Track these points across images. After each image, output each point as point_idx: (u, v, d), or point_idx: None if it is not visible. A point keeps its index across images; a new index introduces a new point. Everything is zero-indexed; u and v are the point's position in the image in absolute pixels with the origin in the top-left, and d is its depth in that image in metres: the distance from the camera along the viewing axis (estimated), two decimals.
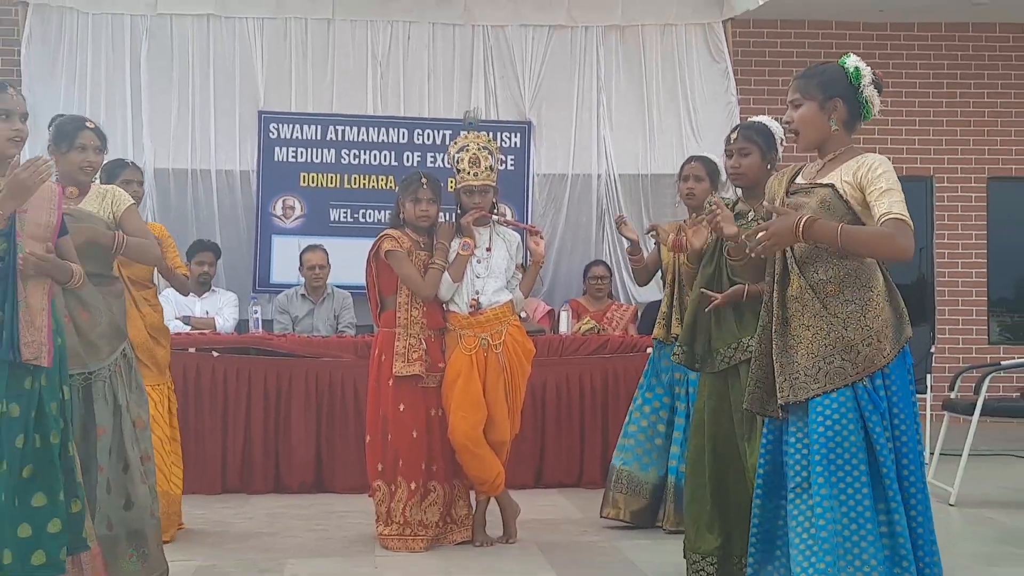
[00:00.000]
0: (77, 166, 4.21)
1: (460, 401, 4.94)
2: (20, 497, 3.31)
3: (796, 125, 3.41)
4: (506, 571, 4.59)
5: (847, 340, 3.24)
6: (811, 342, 3.27)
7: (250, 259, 8.26)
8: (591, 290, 7.94)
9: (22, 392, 3.33)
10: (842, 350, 3.24)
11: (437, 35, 8.47)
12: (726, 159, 4.38)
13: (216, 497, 6.29)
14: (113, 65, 8.17)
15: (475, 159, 5.07)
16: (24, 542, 3.28)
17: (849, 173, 3.32)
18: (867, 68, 3.43)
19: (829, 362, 3.24)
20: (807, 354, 3.27)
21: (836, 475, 3.18)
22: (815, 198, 3.34)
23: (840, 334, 3.24)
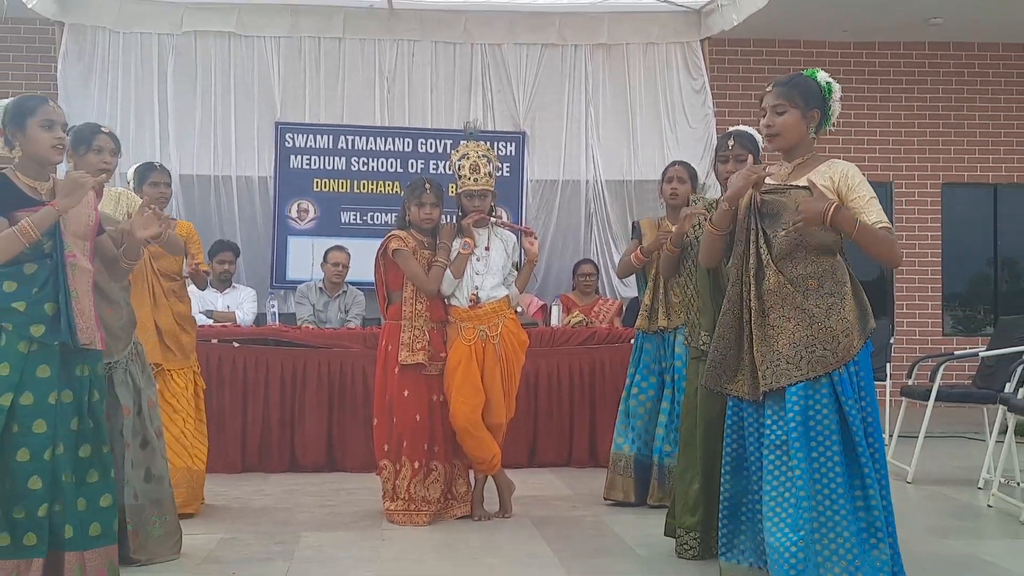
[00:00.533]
0: (95, 167, 4.14)
1: (460, 387, 4.94)
2: (77, 475, 3.35)
3: (778, 129, 3.40)
4: (502, 543, 4.58)
5: (830, 330, 3.25)
6: (793, 332, 3.27)
7: (267, 258, 8.25)
8: (580, 286, 7.95)
9: (74, 379, 3.37)
10: (824, 340, 3.25)
11: (439, 52, 8.47)
12: (720, 164, 4.38)
13: (236, 475, 6.29)
14: (142, 79, 8.16)
15: (475, 166, 5.06)
16: (81, 515, 3.31)
17: (824, 177, 3.34)
18: (836, 84, 3.47)
19: (811, 351, 3.25)
20: (789, 343, 3.27)
21: (812, 455, 3.18)
22: (791, 199, 3.34)
23: (823, 324, 3.26)
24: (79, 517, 3.31)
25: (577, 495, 5.74)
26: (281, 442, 6.58)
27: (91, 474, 3.38)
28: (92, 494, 3.37)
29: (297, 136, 8.32)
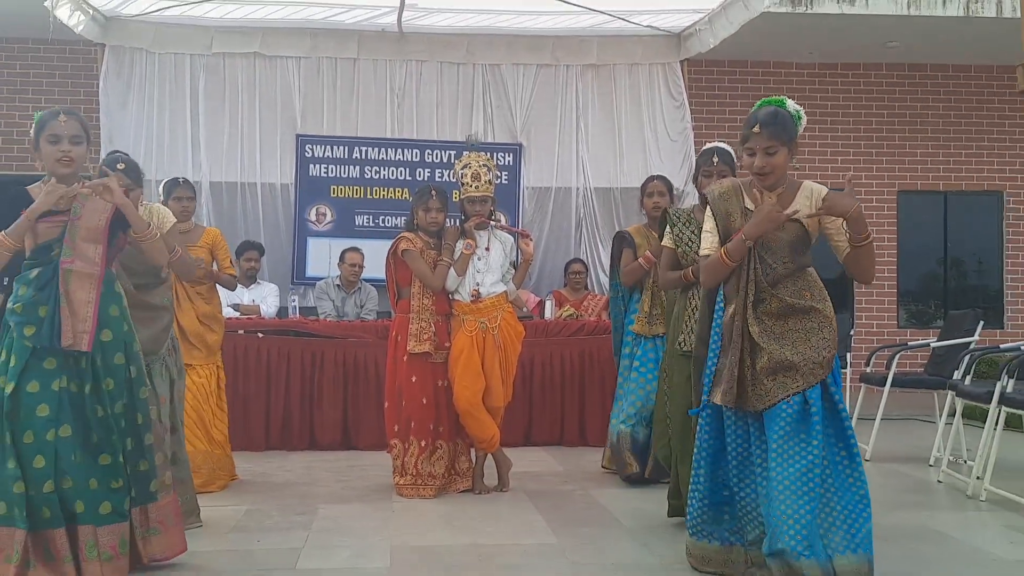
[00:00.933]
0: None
1: (463, 373, 4.94)
2: (89, 457, 3.30)
3: (771, 169, 3.25)
4: (501, 514, 4.58)
5: (823, 342, 3.24)
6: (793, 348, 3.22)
7: (289, 257, 8.26)
8: (571, 283, 7.95)
9: (79, 370, 3.33)
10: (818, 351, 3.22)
11: (444, 72, 8.46)
12: (704, 178, 4.26)
13: (261, 453, 6.28)
14: (176, 96, 8.15)
15: (476, 174, 5.06)
16: (93, 494, 3.27)
17: (806, 201, 3.29)
18: (802, 110, 3.39)
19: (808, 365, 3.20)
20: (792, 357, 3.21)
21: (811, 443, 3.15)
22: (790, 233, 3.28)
23: (818, 338, 3.24)
24: (90, 495, 3.27)
25: (568, 471, 5.74)
26: (301, 423, 6.58)
27: (103, 457, 3.32)
28: (103, 475, 3.31)
29: (316, 147, 8.32)
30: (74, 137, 3.38)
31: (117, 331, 3.43)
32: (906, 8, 9.29)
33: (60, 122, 3.37)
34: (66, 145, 3.35)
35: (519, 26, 8.19)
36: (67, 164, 3.37)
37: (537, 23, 8.11)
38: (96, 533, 3.25)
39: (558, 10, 7.66)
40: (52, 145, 3.35)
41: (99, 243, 3.39)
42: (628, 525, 4.34)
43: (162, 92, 8.13)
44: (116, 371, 3.40)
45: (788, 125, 3.28)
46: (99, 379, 3.35)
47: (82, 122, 3.45)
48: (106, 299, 3.42)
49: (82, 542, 3.24)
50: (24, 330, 3.28)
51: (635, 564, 3.69)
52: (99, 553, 3.24)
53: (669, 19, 8.04)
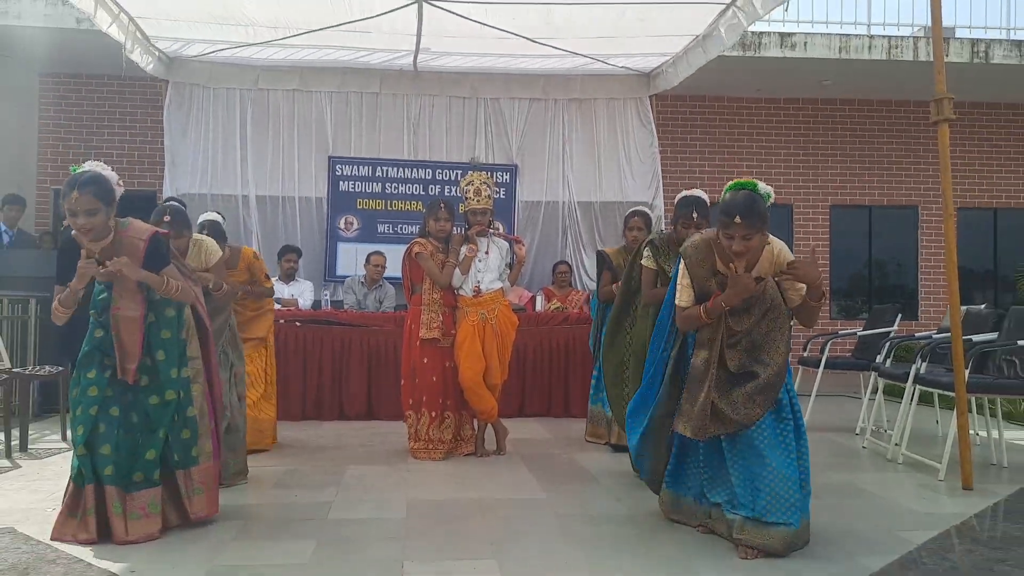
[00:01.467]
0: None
1: (466, 356, 4.94)
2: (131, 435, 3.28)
3: (747, 251, 3.10)
4: (499, 473, 4.58)
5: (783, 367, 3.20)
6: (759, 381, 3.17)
7: (322, 258, 8.22)
8: (557, 281, 7.95)
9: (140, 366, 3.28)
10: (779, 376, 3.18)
11: (452, 105, 8.43)
12: (683, 228, 4.12)
13: (298, 422, 6.27)
14: (227, 124, 8.11)
15: (478, 190, 5.05)
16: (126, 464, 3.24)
17: (768, 265, 3.22)
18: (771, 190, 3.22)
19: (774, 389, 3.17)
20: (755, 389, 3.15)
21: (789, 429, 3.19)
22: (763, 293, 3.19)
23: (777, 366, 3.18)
24: (120, 463, 3.22)
25: (555, 438, 5.74)
26: (332, 397, 6.57)
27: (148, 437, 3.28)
28: (142, 449, 3.27)
29: (344, 167, 8.29)
30: (89, 211, 3.15)
31: (169, 349, 3.35)
32: (838, 52, 9.31)
33: (73, 199, 3.14)
34: (81, 220, 3.15)
35: (515, 67, 8.17)
36: (86, 235, 3.19)
37: (530, 64, 8.09)
38: (124, 496, 3.22)
39: (547, 54, 7.65)
40: (72, 217, 3.17)
41: (136, 292, 3.29)
42: (604, 483, 4.34)
43: (216, 121, 8.09)
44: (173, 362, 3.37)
45: (763, 212, 3.10)
46: (161, 372, 3.32)
47: (96, 190, 3.17)
48: (156, 327, 3.34)
49: (108, 500, 3.20)
50: (95, 332, 3.31)
51: (609, 515, 3.69)
52: (124, 511, 3.20)
53: (640, 61, 8.02)
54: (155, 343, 3.33)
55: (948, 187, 4.36)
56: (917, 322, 10.80)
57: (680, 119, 10.62)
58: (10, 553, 3.03)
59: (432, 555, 3.08)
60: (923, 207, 11.08)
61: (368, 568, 2.91)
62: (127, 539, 3.17)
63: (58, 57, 9.31)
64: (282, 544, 3.21)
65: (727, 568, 2.97)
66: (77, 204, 3.14)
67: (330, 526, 3.46)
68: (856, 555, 3.11)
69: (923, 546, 3.24)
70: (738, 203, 3.08)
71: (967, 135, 11.07)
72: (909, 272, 11.26)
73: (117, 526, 3.20)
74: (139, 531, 3.20)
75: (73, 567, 2.89)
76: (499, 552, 3.11)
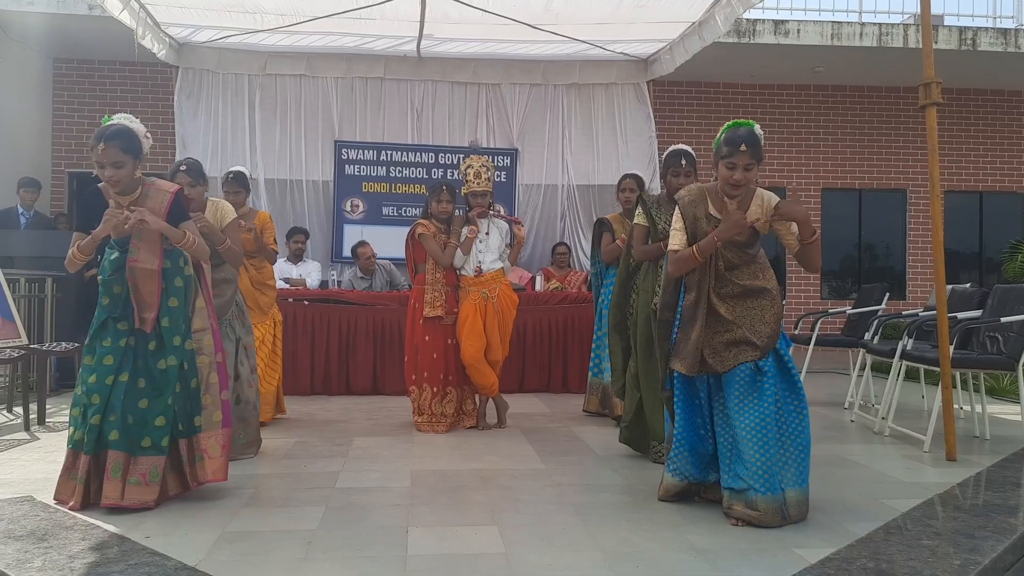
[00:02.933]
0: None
1: (468, 334, 4.96)
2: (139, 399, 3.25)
3: (746, 182, 3.12)
4: (499, 446, 4.59)
5: (775, 318, 3.19)
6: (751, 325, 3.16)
7: (329, 239, 8.22)
8: (557, 262, 7.94)
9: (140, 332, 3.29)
10: (771, 326, 3.17)
11: (454, 90, 8.39)
12: (672, 177, 4.16)
13: (307, 397, 6.31)
14: (236, 108, 8.08)
15: (478, 173, 5.04)
16: (134, 428, 3.21)
17: (757, 205, 3.22)
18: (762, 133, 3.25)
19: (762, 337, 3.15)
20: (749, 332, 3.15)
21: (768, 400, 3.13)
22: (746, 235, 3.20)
23: (769, 314, 3.19)
24: (130, 429, 3.19)
25: (554, 412, 5.76)
26: (339, 373, 6.60)
27: (156, 401, 3.24)
28: (150, 415, 3.23)
29: (350, 151, 8.26)
30: (115, 163, 3.18)
31: (175, 317, 3.33)
32: (830, 39, 9.27)
33: (100, 151, 3.16)
34: (108, 171, 3.18)
35: (516, 53, 8.12)
36: (113, 186, 3.23)
37: (530, 50, 8.04)
38: (128, 460, 3.19)
39: (547, 40, 7.60)
40: (99, 169, 3.19)
41: (156, 244, 3.29)
42: (601, 454, 4.36)
43: (225, 105, 8.05)
44: (179, 329, 3.33)
45: (761, 144, 3.19)
46: (165, 337, 3.29)
47: (123, 143, 3.19)
48: (171, 273, 3.33)
49: (109, 463, 3.17)
50: (103, 300, 3.31)
51: (605, 484, 3.71)
52: (124, 476, 3.17)
53: (638, 47, 7.98)
54: (163, 310, 3.31)
55: (935, 169, 4.35)
56: (905, 301, 10.82)
57: (676, 104, 10.58)
58: (29, 520, 3.06)
59: (435, 521, 3.10)
60: (911, 190, 11.07)
61: (374, 534, 2.93)
62: (120, 504, 3.11)
63: (71, 43, 9.29)
64: (291, 511, 3.23)
65: (719, 534, 2.98)
66: (104, 156, 3.16)
67: (338, 494, 3.47)
68: (843, 522, 3.13)
69: (907, 513, 3.26)
70: (742, 135, 3.13)
71: (954, 121, 11.03)
72: (897, 253, 11.25)
73: (111, 490, 3.14)
74: (134, 497, 3.15)
75: (90, 533, 2.91)
76: (499, 519, 3.13)
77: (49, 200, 9.58)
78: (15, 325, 5.28)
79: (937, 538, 2.97)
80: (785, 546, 2.85)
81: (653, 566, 2.64)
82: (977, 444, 4.77)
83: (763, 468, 3.08)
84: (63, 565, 2.57)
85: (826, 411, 5.87)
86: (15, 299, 5.48)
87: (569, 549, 2.79)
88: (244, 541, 2.84)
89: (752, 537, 2.95)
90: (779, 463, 3.12)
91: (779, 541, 2.90)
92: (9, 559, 2.62)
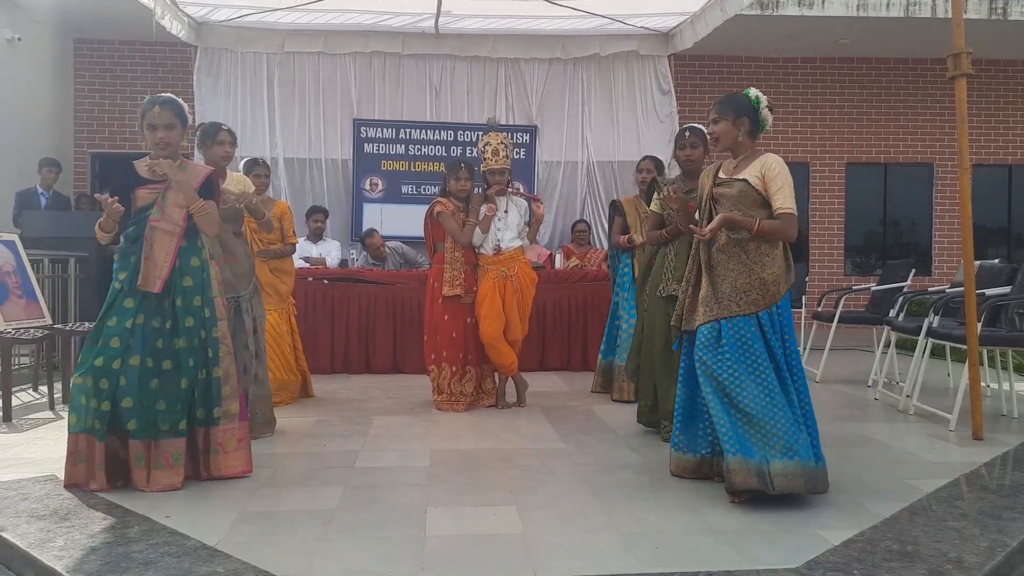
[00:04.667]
0: (219, 156, 4.14)
1: (487, 313, 4.93)
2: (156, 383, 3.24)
3: (715, 135, 3.33)
4: (519, 425, 4.58)
5: (763, 281, 3.16)
6: (734, 280, 3.18)
7: (348, 218, 8.21)
8: (576, 239, 7.88)
9: (161, 309, 3.29)
10: (758, 287, 3.16)
11: (473, 66, 8.31)
12: (679, 150, 4.23)
13: (327, 376, 6.33)
14: (255, 87, 8.06)
15: (495, 150, 5.00)
16: (152, 414, 3.22)
17: (757, 169, 3.25)
18: (764, 97, 3.33)
19: (747, 294, 3.16)
20: (732, 288, 3.18)
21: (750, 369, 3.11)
22: (735, 188, 3.25)
23: (758, 276, 3.17)
24: (148, 415, 3.20)
25: (573, 391, 5.74)
26: (359, 352, 6.61)
27: (177, 383, 3.25)
28: (169, 398, 3.24)
29: (369, 129, 8.23)
30: (168, 125, 3.33)
31: (197, 279, 3.36)
32: (855, 10, 9.06)
33: (155, 112, 3.32)
34: (161, 132, 3.33)
35: (535, 27, 8.02)
36: (163, 149, 3.35)
37: (550, 25, 7.93)
38: (149, 446, 3.21)
39: (566, 14, 7.49)
40: (151, 132, 3.33)
41: (179, 212, 3.33)
42: (620, 433, 4.34)
43: (244, 84, 8.03)
44: (195, 311, 3.34)
45: (735, 103, 3.30)
46: (180, 317, 3.30)
47: (176, 109, 3.37)
48: (188, 252, 3.36)
49: (132, 453, 3.20)
50: (119, 274, 3.31)
51: (624, 463, 3.69)
52: (148, 462, 3.19)
53: (658, 21, 7.84)
54: (176, 288, 3.31)
55: (965, 142, 4.23)
56: (931, 277, 10.66)
57: (698, 79, 10.43)
58: (52, 499, 3.08)
59: (454, 501, 3.09)
60: (938, 164, 10.86)
61: (393, 514, 2.93)
62: (148, 489, 3.17)
63: (91, 24, 9.30)
64: (310, 491, 3.23)
65: (738, 514, 2.95)
66: (158, 118, 3.32)
67: (357, 474, 3.47)
68: (866, 502, 3.08)
69: (933, 494, 3.21)
70: (720, 97, 3.43)
71: (983, 92, 10.79)
72: (923, 228, 11.08)
73: (139, 476, 3.19)
74: (161, 481, 3.19)
75: (112, 512, 2.92)
76: (518, 499, 3.12)
77: (72, 180, 9.64)
78: (39, 305, 5.33)
79: (963, 519, 2.92)
80: (808, 528, 2.81)
81: (672, 548, 2.61)
82: (1004, 422, 4.69)
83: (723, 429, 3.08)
84: (84, 544, 2.58)
85: (849, 389, 5.80)
86: (39, 279, 5.53)
87: (586, 530, 2.77)
88: (263, 521, 2.85)
89: (773, 518, 2.91)
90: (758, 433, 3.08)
91: (802, 522, 2.86)
92: (32, 538, 2.64)
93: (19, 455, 3.80)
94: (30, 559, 2.50)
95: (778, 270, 3.21)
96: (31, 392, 5.56)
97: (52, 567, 2.40)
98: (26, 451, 3.89)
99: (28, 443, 4.06)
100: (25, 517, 2.86)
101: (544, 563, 2.45)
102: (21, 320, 5.08)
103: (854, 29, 9.45)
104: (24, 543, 2.59)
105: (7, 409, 4.62)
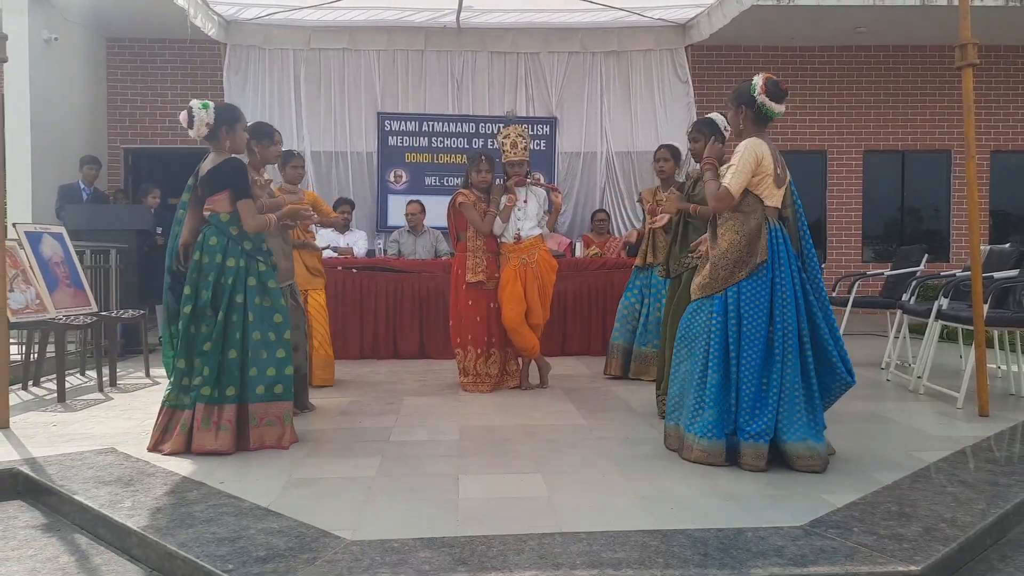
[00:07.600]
0: (274, 155, 4.54)
1: (509, 298, 5.13)
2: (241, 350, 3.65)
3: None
4: (542, 404, 4.79)
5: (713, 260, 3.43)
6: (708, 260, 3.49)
7: (373, 210, 8.42)
8: (596, 228, 8.03)
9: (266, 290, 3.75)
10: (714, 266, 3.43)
11: (494, 60, 8.48)
12: (691, 143, 4.41)
13: (357, 360, 6.57)
14: (283, 82, 8.28)
15: (514, 143, 5.18)
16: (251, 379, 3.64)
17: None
18: (762, 84, 3.34)
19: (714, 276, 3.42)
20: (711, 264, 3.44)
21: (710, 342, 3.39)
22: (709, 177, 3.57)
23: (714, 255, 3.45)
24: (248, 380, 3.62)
25: (594, 373, 5.94)
26: (387, 337, 6.83)
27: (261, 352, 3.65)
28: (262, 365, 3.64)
29: (393, 122, 8.43)
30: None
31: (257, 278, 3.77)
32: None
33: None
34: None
35: (554, 21, 8.19)
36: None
37: (569, 19, 8.10)
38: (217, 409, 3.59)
39: (585, 7, 7.66)
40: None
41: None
42: (639, 411, 4.55)
43: (271, 80, 8.26)
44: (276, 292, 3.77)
45: (735, 93, 3.43)
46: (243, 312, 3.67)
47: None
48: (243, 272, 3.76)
49: (198, 417, 3.57)
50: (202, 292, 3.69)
51: (642, 438, 3.90)
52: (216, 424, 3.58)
53: (675, 12, 7.99)
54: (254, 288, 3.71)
55: (971, 130, 4.40)
56: (948, 263, 10.72)
57: (715, 69, 10.54)
58: (115, 468, 3.35)
59: (484, 469, 3.32)
60: (956, 151, 10.91)
61: (428, 480, 3.16)
62: (214, 447, 3.53)
63: (124, 23, 9.58)
64: (351, 460, 3.48)
65: (749, 481, 3.15)
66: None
67: (392, 447, 3.71)
68: (872, 471, 3.27)
69: (935, 463, 3.39)
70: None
71: (1001, 79, 10.82)
72: (941, 215, 11.14)
73: (206, 437, 3.55)
74: (226, 440, 3.56)
75: (170, 478, 3.19)
76: (543, 467, 3.34)
77: (107, 175, 9.96)
78: (86, 294, 5.62)
79: (962, 486, 3.10)
80: (814, 492, 3.01)
81: (687, 508, 2.83)
82: (1012, 401, 4.85)
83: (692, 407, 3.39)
84: (150, 506, 2.84)
85: (862, 371, 5.91)
86: (82, 270, 5.82)
87: (607, 493, 2.99)
88: (310, 486, 3.10)
89: (782, 483, 3.12)
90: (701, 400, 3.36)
91: (808, 487, 3.07)
92: (103, 500, 2.91)
93: (77, 431, 4.08)
94: (103, 518, 2.76)
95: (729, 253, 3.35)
96: (79, 376, 5.86)
97: (125, 524, 2.66)
98: (83, 427, 4.17)
99: (84, 421, 4.34)
100: (93, 483, 3.12)
101: (567, 520, 2.68)
102: (69, 308, 5.38)
103: (871, 17, 9.52)
104: (96, 504, 2.86)
105: (61, 390, 4.91)
